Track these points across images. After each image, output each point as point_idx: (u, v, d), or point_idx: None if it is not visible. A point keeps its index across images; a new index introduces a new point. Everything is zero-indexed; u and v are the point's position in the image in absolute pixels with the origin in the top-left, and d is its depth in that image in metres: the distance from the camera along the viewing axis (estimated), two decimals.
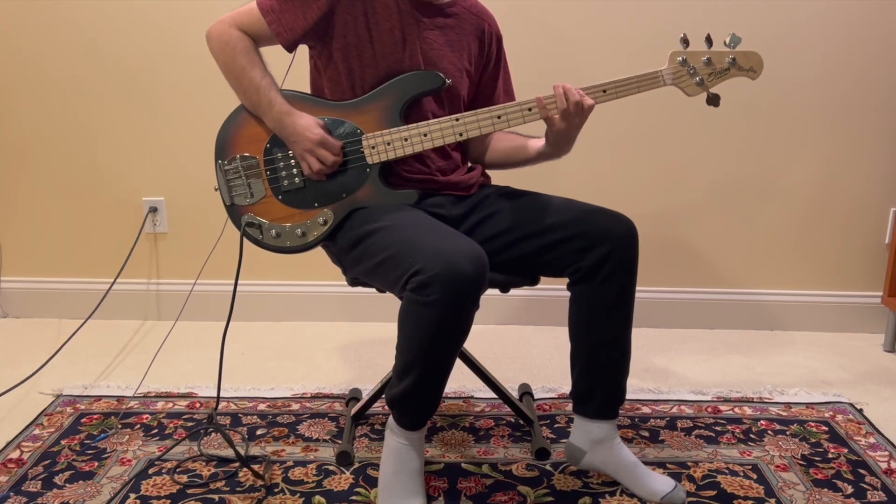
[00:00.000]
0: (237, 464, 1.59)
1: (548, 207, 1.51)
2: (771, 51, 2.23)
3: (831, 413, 1.86)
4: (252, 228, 1.53)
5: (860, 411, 1.88)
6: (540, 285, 1.58)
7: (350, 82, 1.49)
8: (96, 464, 1.60)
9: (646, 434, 1.75)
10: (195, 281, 2.32)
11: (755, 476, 1.58)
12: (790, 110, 2.31)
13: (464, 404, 1.89)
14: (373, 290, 1.56)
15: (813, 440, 1.73)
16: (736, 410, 1.87)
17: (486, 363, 1.80)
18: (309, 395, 1.93)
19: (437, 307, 1.26)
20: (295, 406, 1.88)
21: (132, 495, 1.49)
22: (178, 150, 2.36)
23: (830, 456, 1.66)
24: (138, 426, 1.76)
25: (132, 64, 2.31)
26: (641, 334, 2.28)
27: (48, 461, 1.60)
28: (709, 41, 1.41)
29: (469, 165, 1.67)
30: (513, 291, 1.63)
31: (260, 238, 1.53)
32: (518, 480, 1.56)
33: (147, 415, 1.82)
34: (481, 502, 1.49)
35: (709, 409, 1.87)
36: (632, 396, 1.88)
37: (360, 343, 2.31)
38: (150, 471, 1.57)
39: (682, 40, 1.41)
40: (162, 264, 2.46)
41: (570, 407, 1.56)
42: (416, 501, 1.41)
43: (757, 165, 2.35)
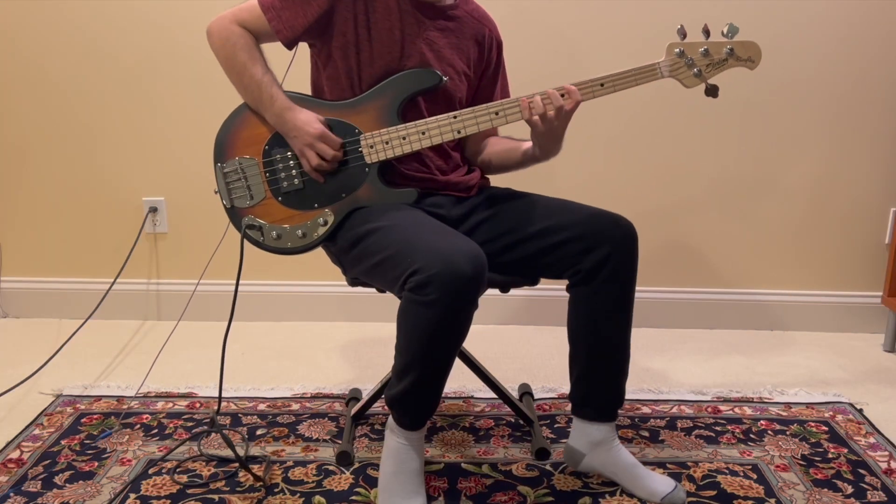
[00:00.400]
0: (237, 464, 1.59)
1: (548, 210, 1.51)
2: (771, 50, 2.22)
3: (831, 413, 1.86)
4: (253, 230, 1.52)
5: (860, 411, 1.87)
6: (540, 285, 1.58)
7: (349, 81, 1.49)
8: (96, 464, 1.60)
9: (646, 434, 1.75)
10: (198, 281, 2.32)
11: (755, 476, 1.58)
12: (790, 110, 2.31)
13: (464, 404, 1.89)
14: (373, 290, 1.56)
15: (813, 440, 1.73)
16: (736, 410, 1.87)
17: (486, 363, 1.80)
18: (309, 395, 1.93)
19: (436, 307, 1.26)
20: (295, 406, 1.87)
21: (132, 495, 1.49)
22: (179, 150, 2.36)
23: (830, 456, 1.66)
24: (138, 426, 1.76)
25: (132, 64, 2.31)
26: (641, 334, 2.28)
27: (48, 461, 1.60)
28: (706, 32, 1.40)
29: (469, 167, 1.66)
30: (513, 291, 1.62)
31: (261, 240, 1.53)
32: (518, 480, 1.56)
33: (147, 415, 1.82)
34: (481, 502, 1.49)
35: (709, 409, 1.87)
36: (632, 396, 1.88)
37: (360, 343, 2.31)
38: (150, 471, 1.57)
39: (680, 32, 1.40)
40: (162, 264, 2.46)
41: (570, 407, 1.56)
42: (416, 501, 1.41)
43: (757, 165, 2.35)
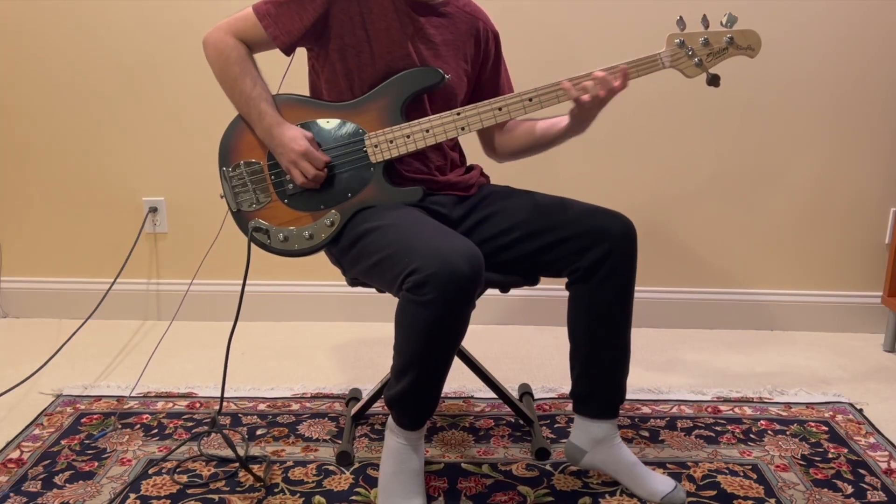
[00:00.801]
0: (237, 464, 1.59)
1: (546, 207, 1.51)
2: (771, 50, 2.21)
3: (831, 413, 1.86)
4: (259, 233, 1.52)
5: (860, 411, 1.87)
6: (540, 285, 1.58)
7: (348, 83, 1.49)
8: (96, 464, 1.60)
9: (646, 434, 1.75)
10: (191, 281, 2.32)
11: (755, 476, 1.58)
12: (790, 110, 2.30)
13: (464, 404, 1.89)
14: (373, 290, 1.55)
15: (813, 440, 1.73)
16: (736, 410, 1.87)
17: (486, 363, 1.80)
18: (309, 395, 1.93)
19: (433, 307, 1.26)
20: (295, 406, 1.87)
21: (132, 495, 1.49)
22: (179, 150, 2.36)
23: (830, 456, 1.66)
24: (138, 426, 1.76)
25: (133, 64, 2.30)
26: (641, 334, 2.28)
27: (48, 461, 1.60)
28: (705, 22, 1.41)
29: (468, 165, 1.66)
30: (513, 291, 1.62)
31: (268, 243, 1.53)
32: (518, 480, 1.56)
33: (147, 415, 1.82)
34: (481, 502, 1.48)
35: (709, 409, 1.87)
36: (632, 396, 1.88)
37: (360, 343, 2.31)
38: (151, 471, 1.57)
39: (679, 22, 1.41)
40: (162, 264, 2.46)
41: (570, 407, 1.56)
42: (416, 501, 1.41)
43: (757, 165, 2.35)
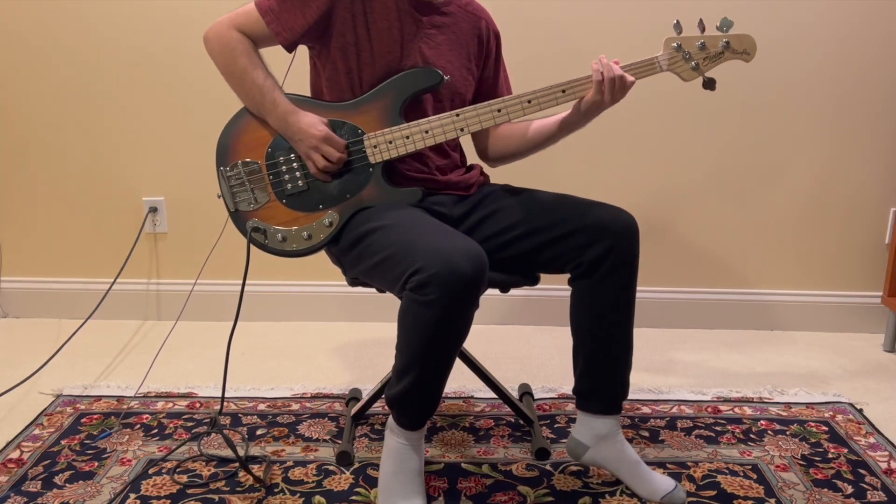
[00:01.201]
0: (237, 464, 1.59)
1: (547, 204, 1.51)
2: (771, 51, 2.24)
3: (831, 413, 1.86)
4: (258, 234, 1.52)
5: (860, 411, 1.87)
6: (540, 285, 1.58)
7: (349, 82, 1.49)
8: (96, 464, 1.60)
9: (646, 434, 1.75)
10: (195, 281, 2.32)
11: (755, 476, 1.57)
12: (790, 110, 2.30)
13: (464, 404, 1.89)
14: (373, 290, 1.55)
15: (813, 440, 1.73)
16: (736, 410, 1.87)
17: (486, 363, 1.80)
18: (309, 395, 1.93)
19: (436, 307, 1.25)
20: (295, 406, 1.87)
21: (132, 495, 1.49)
22: (179, 150, 2.36)
23: (830, 456, 1.66)
24: (138, 426, 1.76)
25: (132, 64, 2.30)
26: (641, 334, 2.26)
27: (48, 461, 1.60)
28: (701, 26, 1.42)
29: (468, 165, 1.66)
30: (513, 291, 1.62)
31: (265, 243, 1.53)
32: (518, 480, 1.56)
33: (147, 415, 1.81)
34: (481, 502, 1.48)
35: (709, 409, 1.87)
36: (632, 396, 1.86)
37: (360, 343, 2.31)
38: (150, 471, 1.57)
39: (676, 26, 1.42)
40: (162, 264, 2.46)
41: (570, 407, 1.57)
42: (416, 501, 1.41)
43: (757, 165, 2.35)
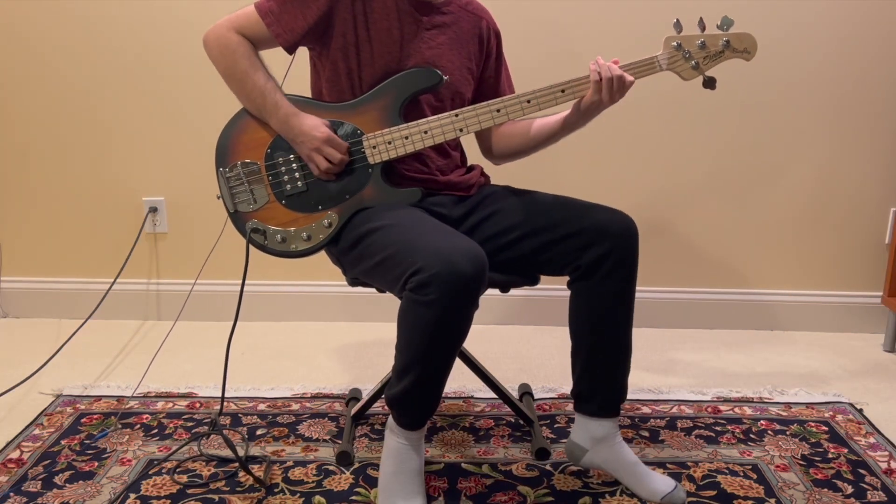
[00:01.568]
0: (237, 465, 1.59)
1: (547, 206, 1.51)
2: (771, 50, 2.23)
3: (831, 413, 1.86)
4: (257, 234, 1.52)
5: (860, 411, 1.87)
6: (540, 285, 1.58)
7: (349, 82, 1.49)
8: (96, 464, 1.59)
9: (646, 434, 1.74)
10: (194, 281, 2.32)
11: (755, 476, 1.57)
12: (790, 109, 2.30)
13: (464, 404, 1.89)
14: (373, 290, 1.55)
15: (813, 440, 1.72)
16: (736, 410, 1.86)
17: (486, 363, 1.80)
18: (309, 395, 1.93)
19: (436, 307, 1.26)
20: (295, 406, 1.87)
21: (132, 495, 1.48)
22: (179, 150, 2.36)
23: (830, 456, 1.66)
24: (138, 426, 1.76)
25: (132, 63, 2.30)
26: (641, 334, 2.26)
27: (48, 461, 1.60)
28: (701, 25, 1.42)
29: (468, 165, 1.66)
30: (513, 291, 1.62)
31: (265, 243, 1.53)
32: (518, 480, 1.55)
33: (147, 415, 1.81)
34: (481, 502, 1.48)
35: (709, 409, 1.87)
36: (632, 396, 1.87)
37: (361, 343, 2.30)
38: (151, 471, 1.57)
39: (676, 25, 1.42)
40: (162, 264, 2.46)
41: (570, 407, 1.56)
42: (416, 501, 1.41)
43: (757, 164, 2.35)
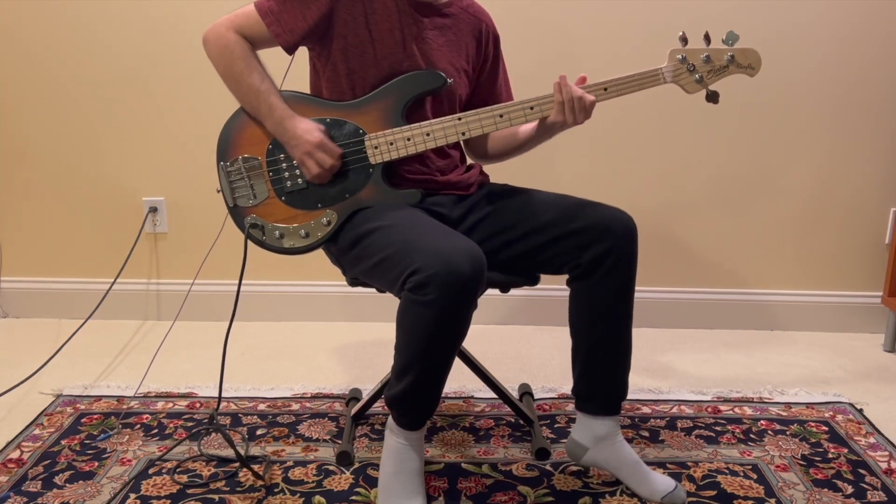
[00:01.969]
0: (237, 464, 1.59)
1: (546, 204, 1.51)
2: (771, 50, 2.21)
3: (831, 413, 1.86)
4: (255, 230, 1.52)
5: (860, 411, 1.87)
6: (540, 285, 1.58)
7: (350, 83, 1.48)
8: (96, 464, 1.59)
9: (646, 434, 1.74)
10: (193, 281, 2.32)
11: (755, 476, 1.57)
12: (790, 109, 2.30)
13: (464, 404, 1.88)
14: (373, 290, 1.55)
15: (813, 440, 1.72)
16: (736, 410, 1.86)
17: (486, 363, 1.80)
18: (309, 395, 1.93)
19: (435, 307, 1.25)
20: (295, 406, 1.87)
21: (132, 495, 1.48)
22: (179, 150, 2.35)
23: (830, 456, 1.66)
24: (138, 426, 1.76)
25: (132, 63, 2.30)
26: (641, 334, 2.27)
27: (48, 461, 1.60)
28: (707, 39, 1.41)
29: (468, 164, 1.66)
30: (513, 291, 1.62)
31: (263, 239, 1.53)
32: (518, 480, 1.55)
33: (147, 415, 1.81)
34: (481, 502, 1.48)
35: (709, 409, 1.86)
36: (632, 396, 1.87)
37: (361, 343, 2.30)
38: (151, 471, 1.57)
39: (681, 38, 1.42)
40: (162, 264, 2.45)
41: (571, 407, 1.56)
42: (416, 502, 1.40)
43: (757, 165, 2.34)
